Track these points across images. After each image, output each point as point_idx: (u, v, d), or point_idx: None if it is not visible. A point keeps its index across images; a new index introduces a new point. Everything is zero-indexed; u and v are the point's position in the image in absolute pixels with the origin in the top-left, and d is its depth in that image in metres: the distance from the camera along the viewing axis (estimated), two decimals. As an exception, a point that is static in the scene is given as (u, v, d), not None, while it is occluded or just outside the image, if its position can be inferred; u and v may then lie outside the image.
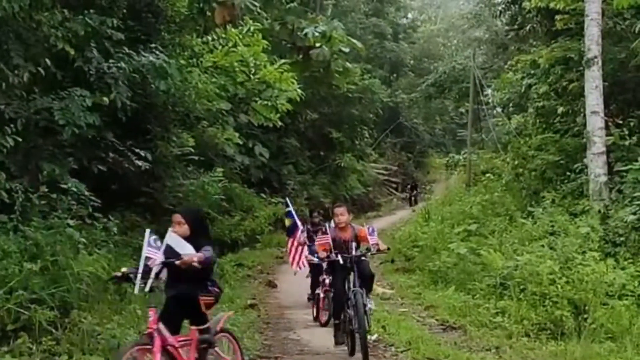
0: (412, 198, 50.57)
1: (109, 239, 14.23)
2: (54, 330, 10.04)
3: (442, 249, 19.81)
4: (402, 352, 11.53)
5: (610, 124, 18.33)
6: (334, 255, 11.26)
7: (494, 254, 16.15)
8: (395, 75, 65.06)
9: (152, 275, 7.29)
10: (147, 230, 7.52)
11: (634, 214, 14.95)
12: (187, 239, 7.75)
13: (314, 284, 15.62)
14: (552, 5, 19.90)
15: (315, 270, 15.70)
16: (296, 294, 18.42)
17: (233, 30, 24.32)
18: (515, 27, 30.47)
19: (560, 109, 21.46)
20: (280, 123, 29.08)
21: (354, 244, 11.59)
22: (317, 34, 36.32)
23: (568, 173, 19.55)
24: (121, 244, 15.71)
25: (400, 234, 27.87)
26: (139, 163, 16.99)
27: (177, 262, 7.35)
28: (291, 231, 17.33)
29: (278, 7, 35.86)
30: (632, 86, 19.87)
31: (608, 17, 19.19)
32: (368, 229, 11.77)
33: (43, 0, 13.94)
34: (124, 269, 7.72)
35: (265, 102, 28.33)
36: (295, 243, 17.14)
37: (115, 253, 14.19)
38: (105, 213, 14.65)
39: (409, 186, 53.35)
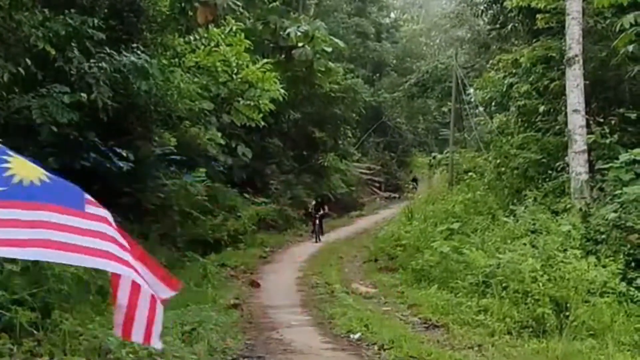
0: (317, 223, 32.30)
1: (90, 239, 14.13)
2: (35, 331, 9.97)
3: (425, 247, 19.83)
4: (385, 350, 11.56)
5: (591, 122, 18.42)
6: None
7: (476, 252, 16.19)
8: (378, 74, 65.08)
9: None
10: None
11: (615, 211, 15.06)
12: None
13: None
14: (533, 4, 20.03)
15: None
16: (280, 294, 18.43)
17: (215, 29, 24.29)
18: (497, 26, 30.62)
19: (541, 108, 21.56)
20: (263, 123, 29.01)
21: None
22: (299, 33, 36.33)
23: (550, 171, 19.66)
24: (103, 245, 15.63)
25: (383, 233, 27.88)
26: (121, 163, 16.95)
27: None
28: None
29: (260, 7, 35.86)
30: (613, 84, 20.01)
31: (589, 16, 19.31)
32: None
33: (23, 0, 13.88)
34: None
35: (248, 102, 28.26)
36: None
37: (97, 254, 14.11)
38: (87, 213, 14.56)
39: (312, 203, 34.25)
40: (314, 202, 34.17)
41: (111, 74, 15.74)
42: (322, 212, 33.16)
